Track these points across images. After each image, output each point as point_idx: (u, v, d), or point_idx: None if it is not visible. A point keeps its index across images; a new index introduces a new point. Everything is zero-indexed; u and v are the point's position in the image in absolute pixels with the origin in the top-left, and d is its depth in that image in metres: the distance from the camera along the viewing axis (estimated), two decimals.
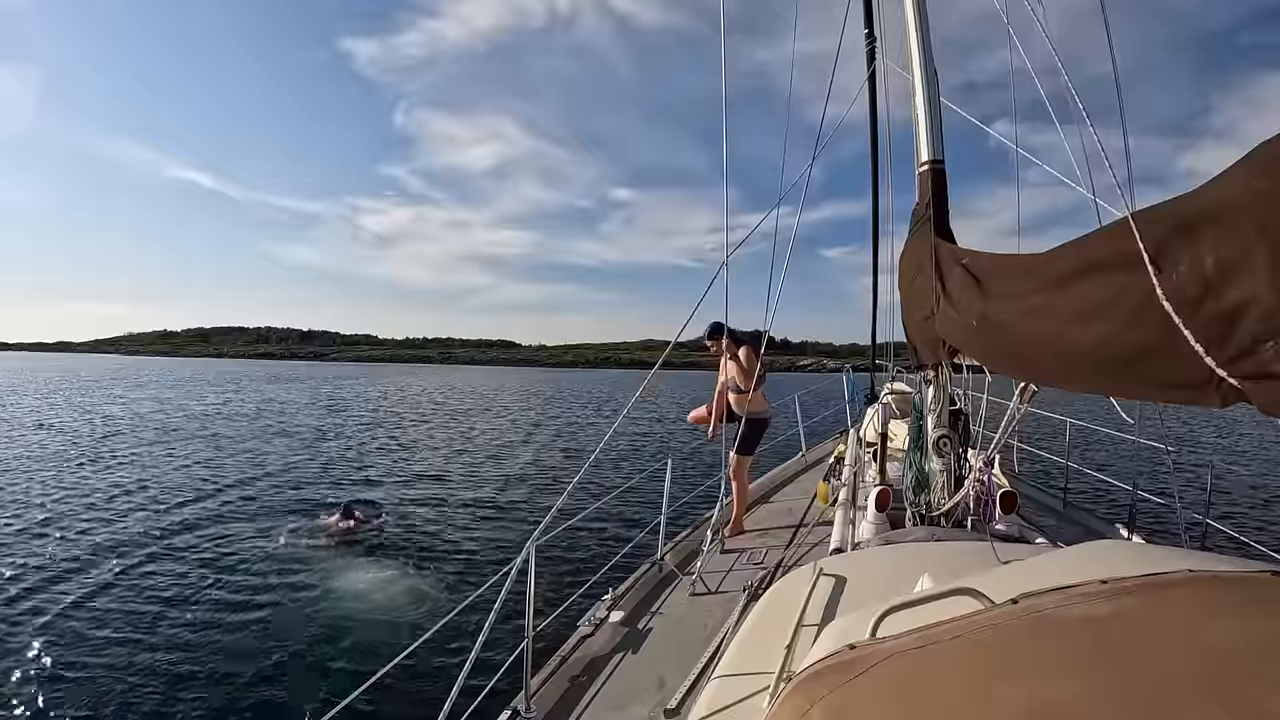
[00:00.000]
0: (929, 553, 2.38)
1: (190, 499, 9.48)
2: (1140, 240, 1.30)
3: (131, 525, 8.04)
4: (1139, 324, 1.34)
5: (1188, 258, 1.22)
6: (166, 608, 5.52)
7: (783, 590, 2.04)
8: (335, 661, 4.68)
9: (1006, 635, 0.98)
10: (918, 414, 3.44)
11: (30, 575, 6.25)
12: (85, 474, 11.23)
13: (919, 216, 3.31)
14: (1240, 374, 1.17)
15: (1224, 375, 1.19)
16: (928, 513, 3.31)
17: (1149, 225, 1.32)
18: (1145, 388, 1.46)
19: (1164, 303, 1.25)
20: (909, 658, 0.95)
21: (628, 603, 3.49)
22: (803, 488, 5.93)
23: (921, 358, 3.20)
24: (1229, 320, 1.15)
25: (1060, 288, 1.64)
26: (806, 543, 4.16)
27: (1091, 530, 4.59)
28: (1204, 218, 1.21)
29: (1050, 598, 1.04)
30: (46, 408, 23.17)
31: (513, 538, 7.94)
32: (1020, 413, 2.57)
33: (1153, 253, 1.29)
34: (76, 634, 5.01)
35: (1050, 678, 0.84)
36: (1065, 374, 1.77)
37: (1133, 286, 1.34)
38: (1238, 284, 1.13)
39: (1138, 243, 1.31)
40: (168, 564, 6.68)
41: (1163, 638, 0.91)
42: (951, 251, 2.69)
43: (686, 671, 2.71)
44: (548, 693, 2.67)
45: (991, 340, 2.15)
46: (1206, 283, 1.19)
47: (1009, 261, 2.18)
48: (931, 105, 3.36)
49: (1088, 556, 1.49)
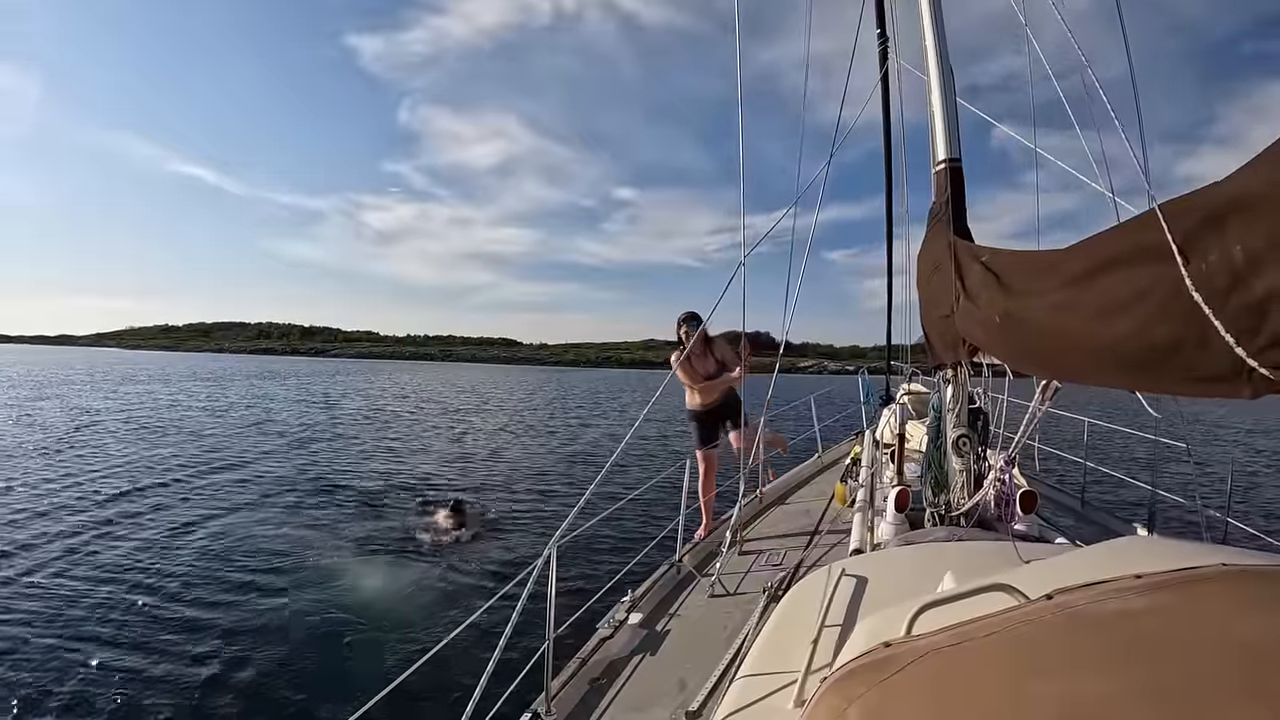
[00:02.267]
0: (950, 553, 2.37)
1: (213, 490, 9.57)
2: (1168, 231, 1.30)
3: (116, 510, 8.11)
4: (1167, 316, 1.34)
5: (1217, 248, 1.21)
6: (175, 602, 5.57)
7: (804, 591, 2.04)
8: (358, 662, 4.71)
9: (1042, 631, 0.97)
10: (936, 414, 3.42)
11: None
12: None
13: (936, 215, 3.31)
14: (1271, 364, 1.16)
15: (1255, 365, 1.18)
16: (947, 513, 3.29)
17: (1176, 216, 1.31)
18: (1174, 381, 1.45)
19: (1193, 294, 1.25)
20: (945, 655, 0.95)
21: (646, 605, 3.48)
22: (819, 489, 5.91)
23: (940, 357, 3.19)
24: (1260, 310, 1.15)
25: (1085, 282, 1.63)
26: (825, 544, 4.15)
27: (1111, 530, 4.55)
28: (1233, 207, 1.20)
29: (1084, 593, 1.03)
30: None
31: (532, 538, 7.97)
32: (1041, 411, 2.55)
33: (1181, 244, 1.28)
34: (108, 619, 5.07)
35: (1087, 674, 0.84)
36: (1091, 370, 1.76)
37: (1160, 279, 1.34)
38: (1268, 273, 1.13)
39: (1165, 234, 1.30)
40: (184, 555, 6.72)
41: (1199, 633, 0.90)
42: (970, 249, 2.68)
43: (707, 673, 2.70)
44: (568, 695, 2.67)
45: (1014, 337, 2.14)
46: (1236, 273, 1.18)
47: (1030, 258, 2.18)
48: (948, 103, 3.36)
49: (1119, 552, 1.47)
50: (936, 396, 3.44)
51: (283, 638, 5.07)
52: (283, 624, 5.31)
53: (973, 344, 2.68)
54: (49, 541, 7.37)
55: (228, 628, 5.24)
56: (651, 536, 4.65)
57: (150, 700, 4.23)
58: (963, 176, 3.31)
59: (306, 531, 8.10)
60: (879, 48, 5.16)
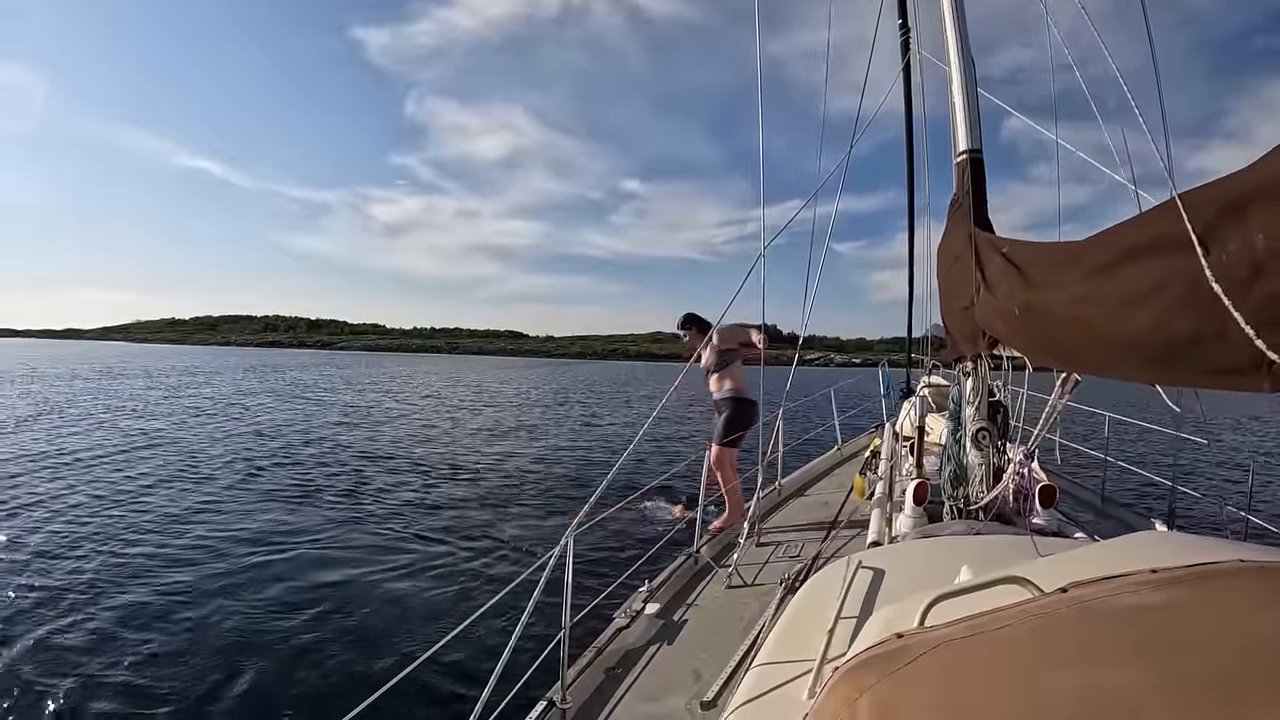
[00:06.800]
0: (968, 546, 2.36)
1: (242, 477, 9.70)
2: (1188, 221, 1.28)
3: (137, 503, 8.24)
4: (1187, 308, 1.32)
5: (1238, 238, 1.20)
6: (186, 591, 5.65)
7: (821, 583, 2.04)
8: (373, 647, 4.75)
9: (1056, 624, 0.97)
10: (956, 407, 3.41)
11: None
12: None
13: (956, 206, 3.28)
14: None
15: (1275, 359, 1.17)
16: (966, 506, 3.28)
17: (1196, 207, 1.30)
18: (1193, 374, 1.44)
19: (1213, 285, 1.23)
20: (957, 647, 0.94)
21: (663, 595, 3.50)
22: (838, 481, 5.91)
23: (960, 349, 3.17)
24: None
25: (1105, 274, 1.61)
26: (843, 536, 4.14)
27: (1130, 525, 4.50)
28: (1254, 196, 1.18)
29: (1100, 587, 1.02)
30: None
31: (549, 527, 7.99)
32: (1061, 405, 2.54)
33: (1200, 234, 1.27)
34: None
35: (1102, 668, 0.83)
36: (1111, 362, 1.74)
37: (1180, 270, 1.32)
38: None
39: (1185, 224, 1.29)
40: (207, 543, 6.82)
41: (1217, 628, 0.90)
42: (991, 240, 2.66)
43: (723, 664, 2.72)
44: (583, 684, 2.69)
45: (1035, 330, 2.12)
46: (1257, 263, 1.16)
47: (1050, 249, 2.16)
48: (969, 94, 3.33)
49: (1135, 547, 1.46)
50: (956, 389, 3.43)
51: (297, 624, 5.12)
52: (297, 610, 5.36)
53: (993, 336, 2.66)
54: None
55: (240, 612, 5.30)
56: (669, 527, 4.66)
57: (162, 679, 4.29)
58: (984, 167, 3.29)
59: (320, 518, 8.17)
60: (900, 38, 5.12)
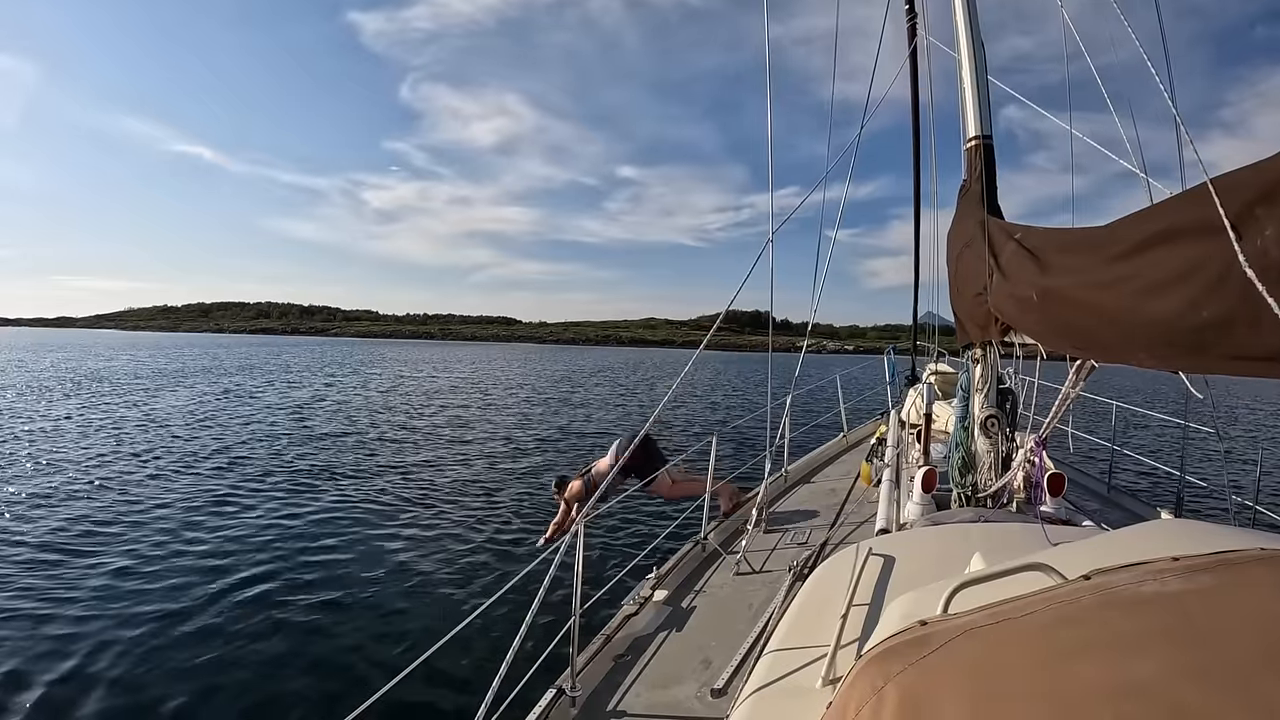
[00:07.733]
0: (978, 534, 2.36)
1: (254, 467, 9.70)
2: (1220, 207, 1.26)
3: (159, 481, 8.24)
4: (1217, 293, 1.31)
5: (1273, 224, 1.18)
6: (200, 581, 5.66)
7: (831, 570, 2.04)
8: (386, 635, 4.78)
9: (1081, 612, 0.97)
10: (965, 394, 3.40)
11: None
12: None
13: (966, 192, 3.26)
14: None
15: None
16: (974, 494, 3.28)
17: (1228, 192, 1.28)
18: (1220, 360, 1.42)
19: (1246, 270, 1.22)
20: (983, 634, 0.94)
21: (671, 582, 3.51)
22: (845, 468, 5.91)
23: (970, 336, 3.15)
24: None
25: (1130, 259, 1.59)
26: (850, 523, 4.15)
27: (1137, 515, 4.50)
28: None
29: (1123, 574, 1.03)
30: None
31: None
32: (1074, 392, 2.53)
33: (1234, 219, 1.25)
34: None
35: (1127, 655, 0.83)
36: (1132, 348, 1.73)
37: (1211, 255, 1.31)
38: None
39: (1217, 209, 1.27)
40: (223, 531, 6.83)
41: (1239, 615, 0.90)
42: (1003, 226, 2.64)
43: (732, 651, 2.72)
44: (593, 671, 2.70)
45: (1053, 315, 2.11)
46: None
47: (1067, 234, 2.14)
48: (979, 78, 3.30)
49: (1153, 534, 1.46)
50: (965, 376, 3.41)
51: (312, 612, 5.15)
52: (309, 599, 5.40)
53: (1006, 322, 2.64)
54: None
55: (255, 599, 5.33)
56: (677, 514, 4.66)
57: (167, 667, 4.31)
58: (994, 153, 3.26)
59: (334, 507, 8.20)
60: (907, 23, 5.07)
